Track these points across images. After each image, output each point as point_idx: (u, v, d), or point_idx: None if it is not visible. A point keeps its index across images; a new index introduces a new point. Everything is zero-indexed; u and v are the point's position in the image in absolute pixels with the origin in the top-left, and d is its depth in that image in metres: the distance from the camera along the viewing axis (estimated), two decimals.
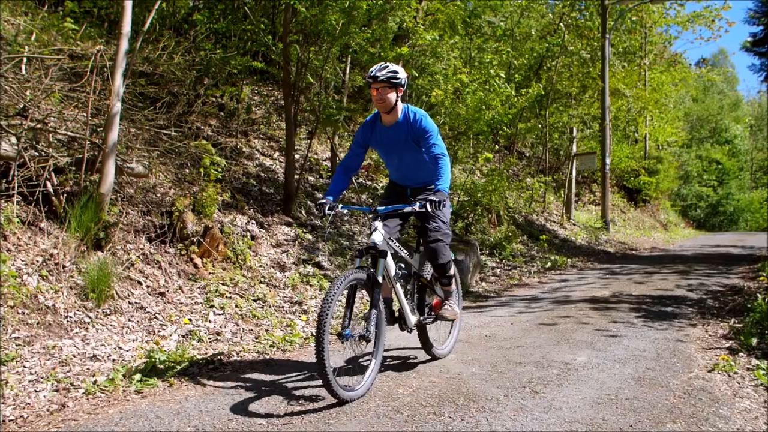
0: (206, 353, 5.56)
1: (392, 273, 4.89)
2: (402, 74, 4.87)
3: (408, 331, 5.17)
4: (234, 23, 11.42)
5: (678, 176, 39.40)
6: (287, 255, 8.91)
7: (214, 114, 11.64)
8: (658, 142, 33.25)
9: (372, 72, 4.82)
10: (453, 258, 5.40)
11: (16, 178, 6.22)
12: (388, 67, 4.87)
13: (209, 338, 6.03)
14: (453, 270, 5.42)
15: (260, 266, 8.28)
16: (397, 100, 4.92)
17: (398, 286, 4.97)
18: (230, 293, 7.23)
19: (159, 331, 5.96)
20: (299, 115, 11.22)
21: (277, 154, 12.53)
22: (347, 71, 12.89)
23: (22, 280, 5.48)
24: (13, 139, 6.43)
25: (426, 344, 5.51)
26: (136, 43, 7.87)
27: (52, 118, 7.27)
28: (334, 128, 11.91)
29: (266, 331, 6.37)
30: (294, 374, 5.14)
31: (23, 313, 5.28)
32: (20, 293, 5.37)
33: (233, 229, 8.42)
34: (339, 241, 10.39)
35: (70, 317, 5.60)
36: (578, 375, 5.16)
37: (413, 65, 13.92)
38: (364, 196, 12.64)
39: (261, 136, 12.95)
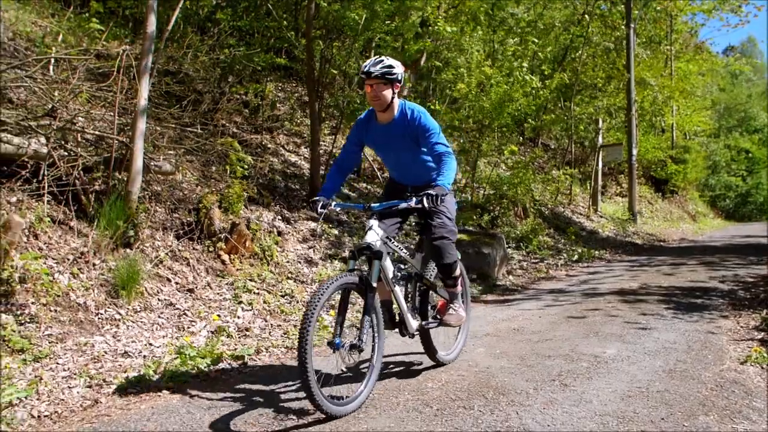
0: (235, 349, 5.59)
1: (390, 275, 4.58)
2: (398, 69, 4.52)
3: (410, 337, 4.85)
4: (257, 20, 11.47)
5: (706, 166, 38.93)
6: (314, 250, 8.93)
7: (238, 111, 11.69)
8: (686, 130, 32.86)
9: (365, 67, 4.49)
10: (459, 257, 5.01)
11: (46, 177, 6.30)
12: (383, 61, 4.50)
13: (238, 334, 6.07)
14: (459, 270, 5.04)
15: (287, 262, 8.31)
16: (393, 97, 4.58)
17: (397, 288, 4.66)
18: (258, 289, 7.26)
19: (188, 328, 6.01)
20: (323, 110, 11.23)
21: (302, 149, 12.56)
22: None
23: (53, 278, 5.54)
24: (43, 139, 6.50)
25: (429, 349, 5.12)
26: (161, 42, 7.93)
27: (80, 118, 7.35)
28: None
29: (294, 326, 6.39)
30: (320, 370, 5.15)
31: (55, 310, 5.35)
32: (52, 291, 5.44)
33: (260, 225, 8.46)
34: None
35: (101, 314, 5.66)
36: (608, 368, 5.13)
37: (437, 58, 13.90)
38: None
39: (285, 132, 12.99)
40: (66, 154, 6.72)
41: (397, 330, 4.84)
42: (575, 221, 18.42)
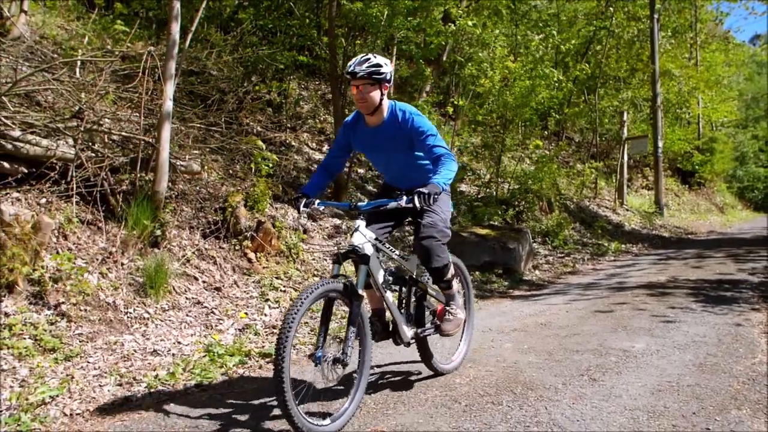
0: (263, 346, 5.62)
1: (380, 280, 4.22)
2: (387, 68, 4.14)
3: (405, 345, 4.51)
4: (279, 19, 11.50)
5: (733, 157, 38.43)
6: (339, 247, 8.95)
7: (262, 110, 11.75)
8: (712, 121, 32.46)
9: (350, 67, 4.10)
10: (452, 261, 4.64)
11: (74, 178, 6.37)
12: (369, 59, 4.10)
13: (265, 332, 6.10)
14: (452, 272, 4.60)
15: (313, 259, 8.33)
16: (381, 99, 4.19)
17: (389, 294, 4.32)
18: (284, 287, 7.29)
19: (216, 326, 6.05)
20: (346, 107, 11.25)
21: (325, 147, 12.59)
22: (393, 62, 12.86)
23: (83, 278, 5.61)
24: (71, 141, 6.58)
25: (426, 358, 4.75)
26: (185, 42, 7.98)
27: (106, 119, 7.42)
28: None
29: None
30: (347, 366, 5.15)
31: (85, 310, 5.41)
32: (82, 291, 5.50)
33: (285, 223, 8.49)
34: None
35: (130, 313, 5.72)
36: (637, 362, 5.09)
37: (459, 54, 13.85)
38: None
39: (309, 129, 13.03)
40: (93, 155, 6.80)
41: (391, 339, 4.52)
42: (601, 215, 18.28)
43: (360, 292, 3.92)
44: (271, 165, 9.09)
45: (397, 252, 4.43)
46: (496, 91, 13.22)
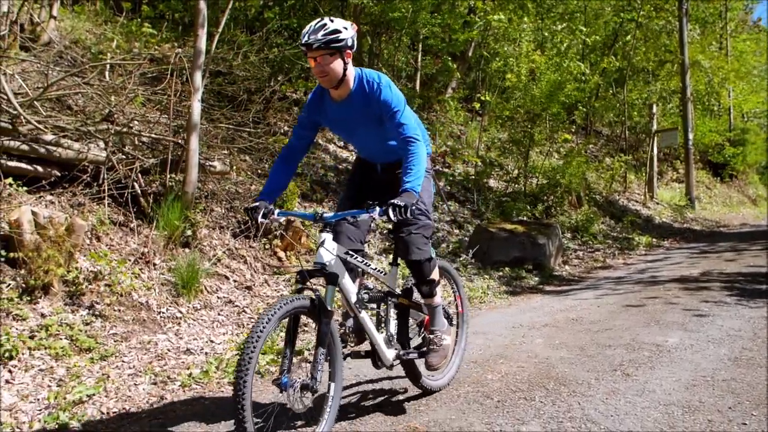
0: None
1: (353, 298, 3.77)
2: (347, 32, 3.61)
3: (388, 368, 4.05)
4: (304, 18, 11.54)
5: (766, 148, 37.80)
6: (368, 245, 8.96)
7: (288, 109, 11.80)
8: (744, 111, 31.96)
9: (304, 37, 3.54)
10: (434, 257, 4.18)
11: (106, 181, 6.45)
12: (325, 25, 3.55)
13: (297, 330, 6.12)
14: (436, 274, 4.16)
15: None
16: (345, 69, 3.67)
17: (364, 314, 3.82)
18: (315, 284, 7.31)
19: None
20: None
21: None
22: (419, 59, 12.86)
23: (116, 279, 5.68)
24: (102, 144, 6.67)
25: (415, 377, 4.26)
26: (212, 43, 8.04)
27: (136, 122, 7.50)
28: None
29: None
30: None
31: (119, 310, 5.48)
32: (115, 291, 5.57)
33: None
34: None
35: (163, 313, 5.78)
36: (671, 357, 5.03)
37: (485, 49, 13.80)
38: (441, 183, 12.59)
39: None
40: (124, 157, 6.88)
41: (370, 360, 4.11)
42: (631, 209, 18.10)
43: (329, 308, 3.49)
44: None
45: (372, 265, 3.96)
46: (522, 86, 13.15)
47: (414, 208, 3.43)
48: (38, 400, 4.14)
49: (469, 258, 9.50)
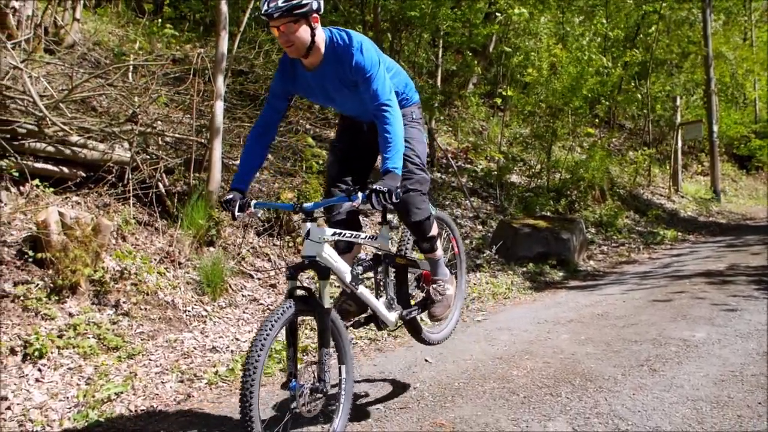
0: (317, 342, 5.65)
1: (348, 278, 3.61)
2: None
3: (391, 330, 4.05)
4: (324, 16, 11.56)
5: None
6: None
7: (310, 107, 11.82)
8: None
9: (264, 6, 3.27)
10: (435, 215, 4.10)
11: (130, 181, 6.51)
12: None
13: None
14: (435, 230, 4.05)
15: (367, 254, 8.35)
16: (313, 34, 3.37)
17: (362, 289, 3.69)
18: (339, 283, 7.33)
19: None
20: None
21: None
22: (440, 54, 12.83)
23: (142, 278, 5.73)
24: (126, 144, 6.73)
25: (416, 332, 4.24)
26: (233, 43, 8.07)
27: (159, 122, 7.56)
28: (430, 113, 11.88)
29: None
30: (403, 359, 5.17)
31: (145, 309, 5.53)
32: (141, 290, 5.62)
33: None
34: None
35: (189, 311, 5.82)
36: (698, 352, 4.99)
37: (506, 44, 13.74)
38: (464, 179, 12.56)
39: None
40: (148, 157, 6.93)
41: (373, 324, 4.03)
42: (655, 203, 17.94)
43: (326, 305, 3.33)
44: (321, 162, 9.15)
45: (362, 235, 3.81)
46: (544, 80, 13.07)
47: (399, 190, 3.26)
48: (67, 398, 4.20)
49: (492, 254, 9.46)
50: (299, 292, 3.32)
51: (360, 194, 3.24)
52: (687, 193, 20.55)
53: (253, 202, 3.52)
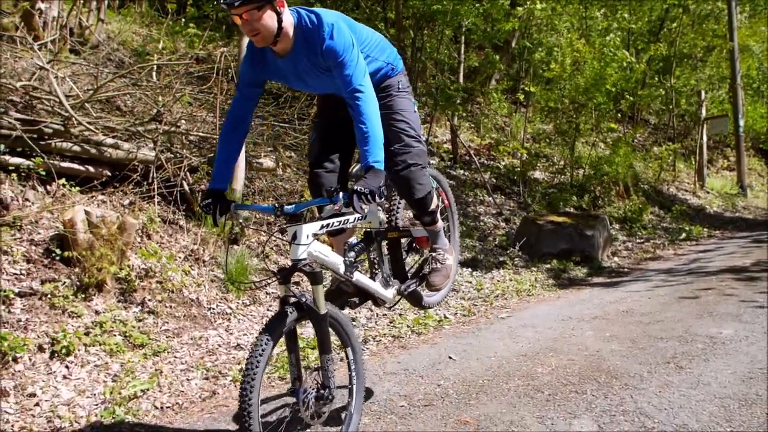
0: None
1: (341, 269, 3.45)
2: None
3: (389, 307, 3.99)
4: (346, 13, 11.56)
5: None
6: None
7: None
8: None
9: None
10: (434, 186, 3.92)
11: (155, 180, 6.56)
12: None
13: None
14: (436, 202, 3.85)
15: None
16: (280, 19, 3.11)
17: (357, 275, 3.53)
18: (333, 275, 7.32)
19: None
20: (417, 99, 11.24)
21: None
22: (462, 51, 12.79)
23: (167, 276, 5.77)
24: (150, 144, 6.78)
25: (417, 301, 4.14)
26: None
27: (183, 121, 7.61)
28: (453, 110, 11.85)
29: (400, 315, 6.43)
30: (427, 356, 5.17)
31: (170, 306, 5.57)
32: (166, 288, 5.67)
33: None
34: (464, 222, 10.35)
35: (213, 309, 5.86)
36: (725, 349, 4.93)
37: (528, 39, 13.67)
38: (486, 176, 12.52)
39: None
40: (172, 156, 6.98)
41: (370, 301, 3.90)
42: (680, 198, 17.76)
43: (321, 311, 3.17)
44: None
45: (351, 218, 3.49)
46: (567, 76, 12.98)
47: (383, 188, 3.06)
48: (94, 395, 4.24)
49: (516, 251, 9.42)
50: (293, 298, 3.15)
51: (341, 194, 3.03)
52: (712, 189, 20.31)
53: (233, 204, 3.34)
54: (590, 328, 5.83)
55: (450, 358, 5.05)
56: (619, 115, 17.52)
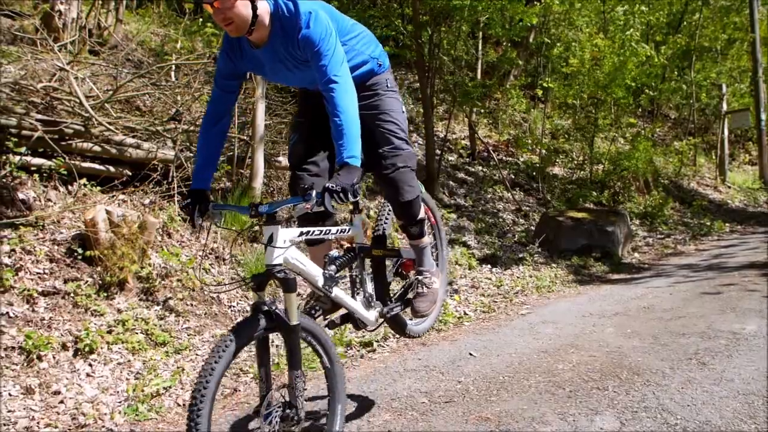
0: (363, 336, 5.68)
1: (320, 282, 3.22)
2: None
3: (371, 330, 3.69)
4: (363, 11, 11.56)
5: None
6: (434, 236, 8.93)
7: None
8: None
9: None
10: (423, 191, 3.70)
11: (175, 179, 6.60)
12: None
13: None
14: (423, 211, 3.65)
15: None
16: (254, 8, 2.89)
17: (336, 291, 3.28)
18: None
19: (317, 317, 6.14)
20: (435, 95, 11.23)
21: (414, 136, 12.59)
22: (479, 47, 12.74)
23: (186, 274, 5.80)
24: (170, 143, 6.82)
25: (400, 328, 3.86)
26: None
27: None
28: (471, 105, 11.81)
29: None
30: (447, 353, 5.16)
31: (191, 304, 5.61)
32: (187, 286, 5.70)
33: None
34: (483, 219, 10.32)
35: (234, 307, 5.88)
36: (749, 345, 4.87)
37: (546, 35, 13.60)
38: (505, 172, 12.48)
39: None
40: (191, 155, 7.01)
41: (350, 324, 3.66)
42: (701, 193, 17.61)
43: (292, 323, 2.96)
44: (363, 156, 9.17)
45: (333, 230, 3.40)
46: (585, 71, 12.90)
47: (357, 186, 2.84)
48: (118, 392, 4.28)
49: (535, 247, 9.39)
50: (266, 307, 2.93)
51: (314, 193, 2.77)
52: (734, 183, 20.11)
53: (211, 205, 3.15)
54: (611, 325, 5.80)
55: (470, 354, 5.04)
56: (639, 109, 17.39)
